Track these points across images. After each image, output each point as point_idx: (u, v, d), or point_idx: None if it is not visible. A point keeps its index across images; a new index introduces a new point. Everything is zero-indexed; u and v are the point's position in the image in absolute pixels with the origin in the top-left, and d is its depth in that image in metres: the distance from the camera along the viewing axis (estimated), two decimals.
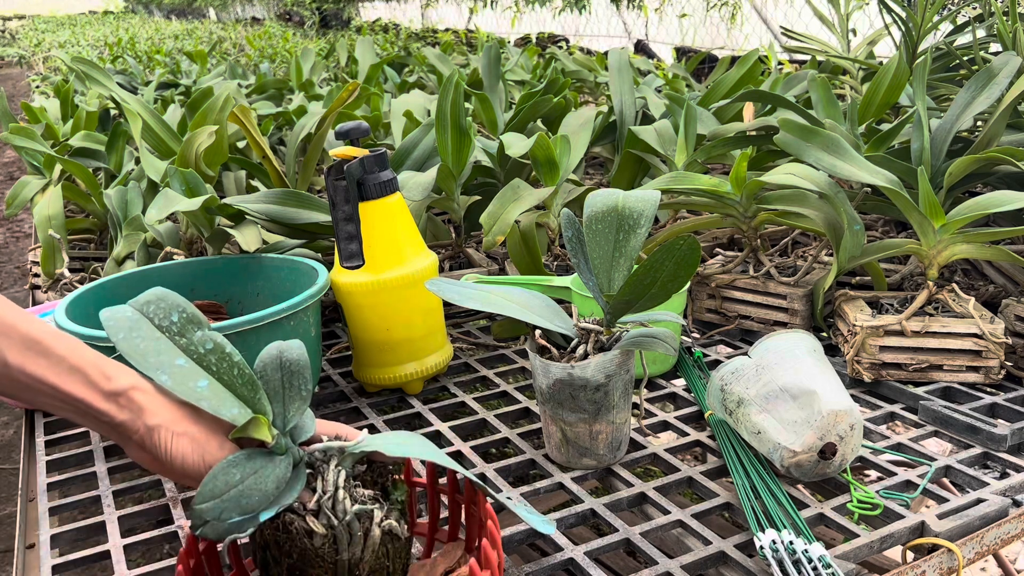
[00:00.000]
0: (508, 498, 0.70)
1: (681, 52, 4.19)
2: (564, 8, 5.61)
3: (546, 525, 0.69)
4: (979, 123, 1.37)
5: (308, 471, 0.64)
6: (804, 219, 1.17)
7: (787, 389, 0.86)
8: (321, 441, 0.67)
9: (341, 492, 0.62)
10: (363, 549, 0.62)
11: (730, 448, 0.90)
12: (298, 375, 0.66)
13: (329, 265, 1.09)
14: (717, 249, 1.32)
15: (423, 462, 0.81)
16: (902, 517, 0.80)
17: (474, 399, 1.07)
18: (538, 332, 0.88)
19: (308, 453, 0.65)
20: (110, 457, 0.96)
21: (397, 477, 0.68)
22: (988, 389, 1.04)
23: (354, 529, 0.62)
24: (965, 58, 1.53)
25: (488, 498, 0.68)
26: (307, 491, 0.64)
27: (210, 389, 0.63)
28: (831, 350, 1.15)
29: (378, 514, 0.63)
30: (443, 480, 0.77)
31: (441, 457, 0.65)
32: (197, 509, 0.61)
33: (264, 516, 0.61)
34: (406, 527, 0.66)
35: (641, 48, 5.23)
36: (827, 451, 0.82)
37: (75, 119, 1.90)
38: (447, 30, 6.32)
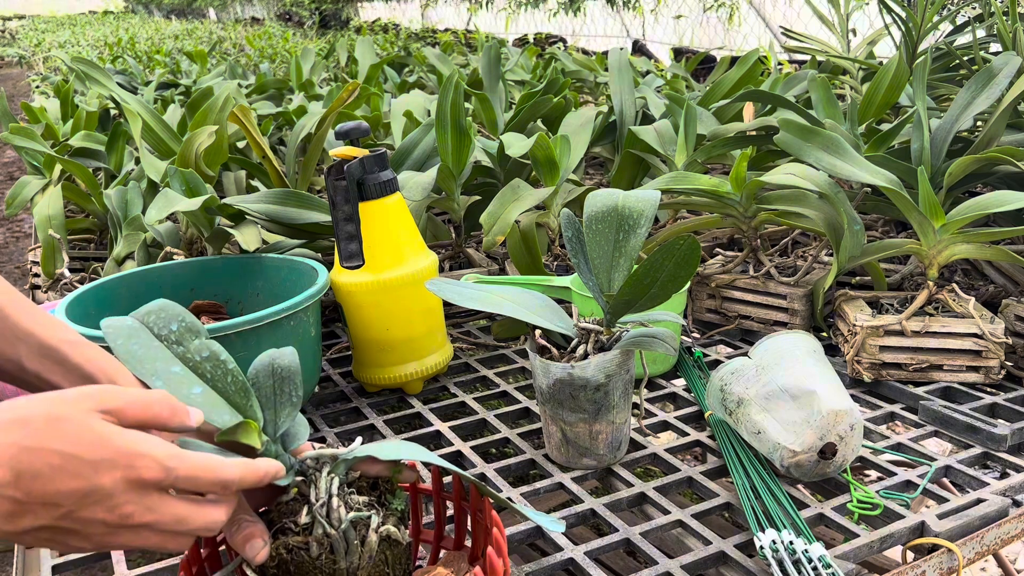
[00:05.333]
0: (508, 499, 0.70)
1: (679, 53, 4.19)
2: (558, 11, 5.62)
3: (554, 523, 0.69)
4: (979, 123, 1.37)
5: (300, 479, 0.64)
6: (804, 219, 1.17)
7: (787, 389, 0.86)
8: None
9: (335, 500, 0.62)
10: (361, 556, 0.62)
11: (730, 448, 0.90)
12: (288, 381, 0.66)
13: (329, 265, 1.09)
14: (717, 249, 1.32)
15: (428, 469, 0.80)
16: (902, 517, 0.80)
17: (474, 399, 1.07)
18: (538, 332, 0.88)
19: (299, 460, 0.64)
20: None
21: (395, 485, 0.67)
22: (988, 389, 1.04)
23: (350, 537, 0.61)
24: (965, 58, 1.53)
25: (493, 501, 0.67)
26: (299, 503, 0.63)
27: (203, 396, 0.63)
28: (831, 350, 1.15)
29: (375, 520, 0.62)
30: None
31: (437, 460, 0.65)
32: None
33: None
34: (406, 532, 0.65)
35: (639, 49, 5.23)
36: (827, 451, 0.82)
37: (75, 119, 1.90)
38: (447, 30, 6.32)
